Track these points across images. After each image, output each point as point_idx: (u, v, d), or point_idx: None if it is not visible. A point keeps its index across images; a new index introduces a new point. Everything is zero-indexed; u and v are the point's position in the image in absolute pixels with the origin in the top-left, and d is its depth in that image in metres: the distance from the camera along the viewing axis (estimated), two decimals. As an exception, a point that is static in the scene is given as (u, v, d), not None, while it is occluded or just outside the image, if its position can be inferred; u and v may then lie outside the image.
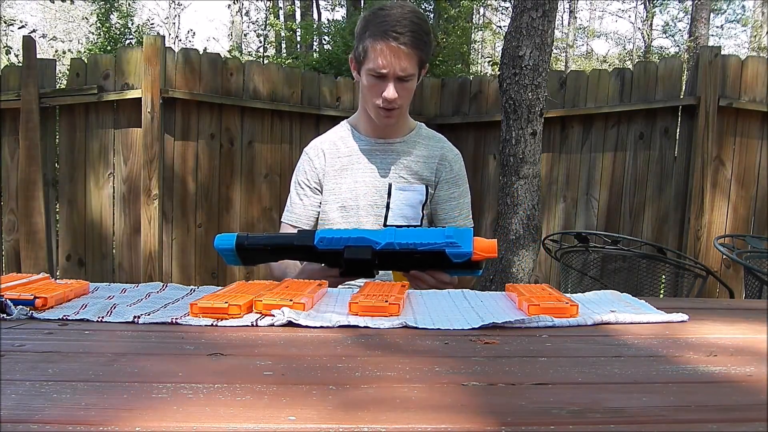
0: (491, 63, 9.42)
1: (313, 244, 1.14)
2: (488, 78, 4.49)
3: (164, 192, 3.61)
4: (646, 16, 16.95)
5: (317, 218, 1.59)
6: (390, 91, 1.42)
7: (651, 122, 3.77)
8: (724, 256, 2.72)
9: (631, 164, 3.83)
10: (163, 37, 3.67)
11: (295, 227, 1.56)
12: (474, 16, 10.97)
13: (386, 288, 1.05)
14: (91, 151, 3.58)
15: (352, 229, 1.17)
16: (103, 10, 8.56)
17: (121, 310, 0.93)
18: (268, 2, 12.67)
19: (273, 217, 3.87)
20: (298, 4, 11.56)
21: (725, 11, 17.57)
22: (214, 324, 0.86)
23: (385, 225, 1.53)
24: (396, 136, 1.57)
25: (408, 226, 1.50)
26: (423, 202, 1.55)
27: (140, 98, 3.47)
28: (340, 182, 1.55)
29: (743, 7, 17.91)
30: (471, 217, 1.62)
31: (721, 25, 18.06)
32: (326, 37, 9.10)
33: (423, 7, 9.21)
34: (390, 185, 1.54)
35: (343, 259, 1.12)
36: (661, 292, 3.01)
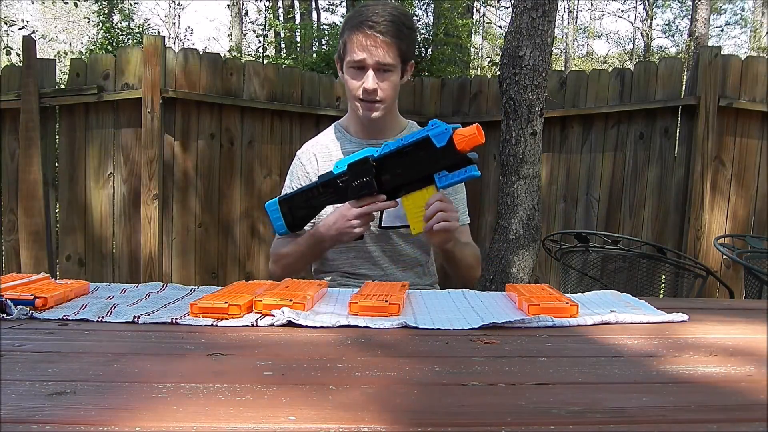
0: (490, 63, 9.42)
1: (332, 171, 1.34)
2: (488, 78, 4.49)
3: (164, 192, 3.60)
4: (646, 16, 16.94)
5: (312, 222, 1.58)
6: (369, 81, 1.41)
7: (651, 122, 3.77)
8: (724, 256, 2.72)
9: (631, 164, 3.83)
10: (163, 37, 3.66)
11: None
12: (473, 15, 10.95)
13: (386, 288, 1.05)
14: (91, 151, 3.58)
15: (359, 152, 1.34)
16: (105, 11, 8.54)
17: (121, 310, 0.93)
18: (268, 2, 12.66)
19: (273, 217, 3.86)
20: (298, 5, 11.55)
21: (725, 11, 17.57)
22: (214, 324, 0.86)
23: (380, 226, 1.52)
24: (387, 136, 1.56)
25: (404, 227, 1.50)
26: None
27: (140, 98, 3.47)
28: None
29: (743, 8, 17.91)
30: (467, 213, 1.61)
31: (722, 27, 18.06)
32: (324, 38, 9.08)
33: (421, 6, 9.17)
34: None
35: (348, 166, 1.31)
36: (661, 292, 3.00)
